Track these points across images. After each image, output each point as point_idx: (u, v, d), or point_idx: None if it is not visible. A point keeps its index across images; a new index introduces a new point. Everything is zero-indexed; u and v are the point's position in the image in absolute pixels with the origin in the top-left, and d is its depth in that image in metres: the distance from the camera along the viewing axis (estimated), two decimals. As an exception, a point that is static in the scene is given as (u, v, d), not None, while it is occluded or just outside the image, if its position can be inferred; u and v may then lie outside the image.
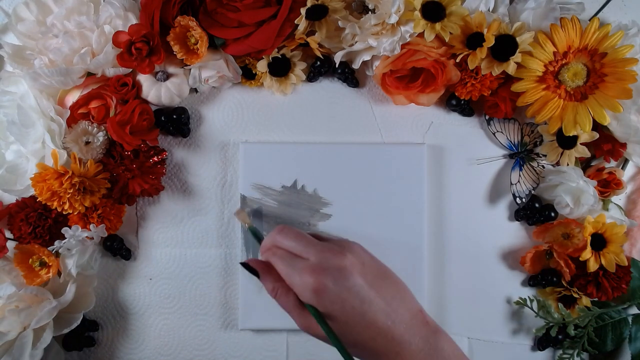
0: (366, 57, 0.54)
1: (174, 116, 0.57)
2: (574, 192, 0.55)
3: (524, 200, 0.58)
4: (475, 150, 0.59)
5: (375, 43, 0.52)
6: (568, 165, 0.56)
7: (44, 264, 0.54)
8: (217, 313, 0.59)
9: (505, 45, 0.52)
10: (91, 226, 0.53)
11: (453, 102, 0.58)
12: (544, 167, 0.58)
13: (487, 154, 0.59)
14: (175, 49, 0.52)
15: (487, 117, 0.59)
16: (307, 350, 0.59)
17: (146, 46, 0.51)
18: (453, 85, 0.56)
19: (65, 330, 0.54)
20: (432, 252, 0.59)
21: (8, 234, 0.55)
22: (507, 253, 0.60)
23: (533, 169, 0.58)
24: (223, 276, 0.59)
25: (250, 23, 0.52)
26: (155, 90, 0.54)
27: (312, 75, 0.58)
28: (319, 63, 0.57)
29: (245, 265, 0.47)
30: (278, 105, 0.59)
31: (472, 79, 0.55)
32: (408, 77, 0.56)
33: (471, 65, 0.53)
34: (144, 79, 0.54)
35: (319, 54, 0.56)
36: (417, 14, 0.51)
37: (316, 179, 0.57)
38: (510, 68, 0.52)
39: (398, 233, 0.57)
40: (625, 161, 0.59)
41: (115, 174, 0.54)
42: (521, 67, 0.53)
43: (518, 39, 0.51)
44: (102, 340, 0.59)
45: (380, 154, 0.58)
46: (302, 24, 0.52)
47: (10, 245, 0.54)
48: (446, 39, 0.52)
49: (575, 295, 0.57)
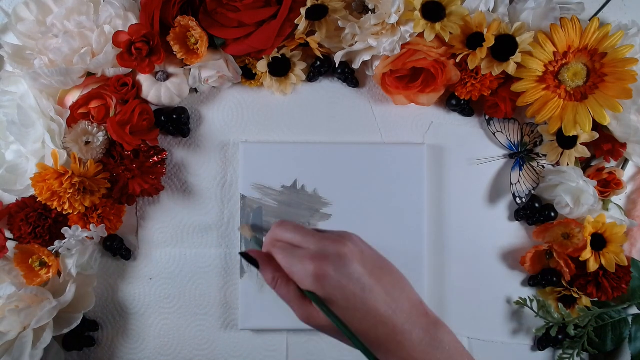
0: (366, 57, 0.54)
1: (174, 116, 0.57)
2: (574, 192, 0.55)
3: (524, 200, 0.58)
4: (475, 150, 0.59)
5: (375, 43, 0.52)
6: (568, 165, 0.56)
7: (44, 264, 0.54)
8: (217, 313, 0.59)
9: (505, 45, 0.52)
10: (91, 226, 0.53)
11: (453, 102, 0.58)
12: (544, 167, 0.58)
13: (487, 154, 0.59)
14: (175, 49, 0.52)
15: (487, 117, 0.59)
16: (307, 350, 0.59)
17: (146, 46, 0.51)
18: (453, 85, 0.56)
19: (65, 330, 0.54)
20: (432, 252, 0.59)
21: (8, 234, 0.55)
22: (507, 253, 0.60)
23: (533, 169, 0.58)
24: (223, 276, 0.59)
25: (250, 23, 0.52)
26: (155, 90, 0.54)
27: (312, 75, 0.58)
28: (319, 63, 0.57)
29: (244, 255, 0.47)
30: (278, 105, 0.59)
31: (472, 79, 0.55)
32: (408, 77, 0.56)
33: (471, 65, 0.53)
34: (144, 79, 0.54)
35: (319, 54, 0.56)
36: (417, 14, 0.51)
37: (316, 179, 0.57)
38: (510, 68, 0.52)
39: (398, 233, 0.57)
40: (625, 161, 0.59)
41: (115, 174, 0.54)
42: (521, 67, 0.53)
43: (518, 39, 0.51)
44: (102, 340, 0.59)
45: (380, 154, 0.58)
46: (302, 24, 0.52)
47: (10, 245, 0.54)
48: (446, 39, 0.52)
49: (575, 295, 0.57)
